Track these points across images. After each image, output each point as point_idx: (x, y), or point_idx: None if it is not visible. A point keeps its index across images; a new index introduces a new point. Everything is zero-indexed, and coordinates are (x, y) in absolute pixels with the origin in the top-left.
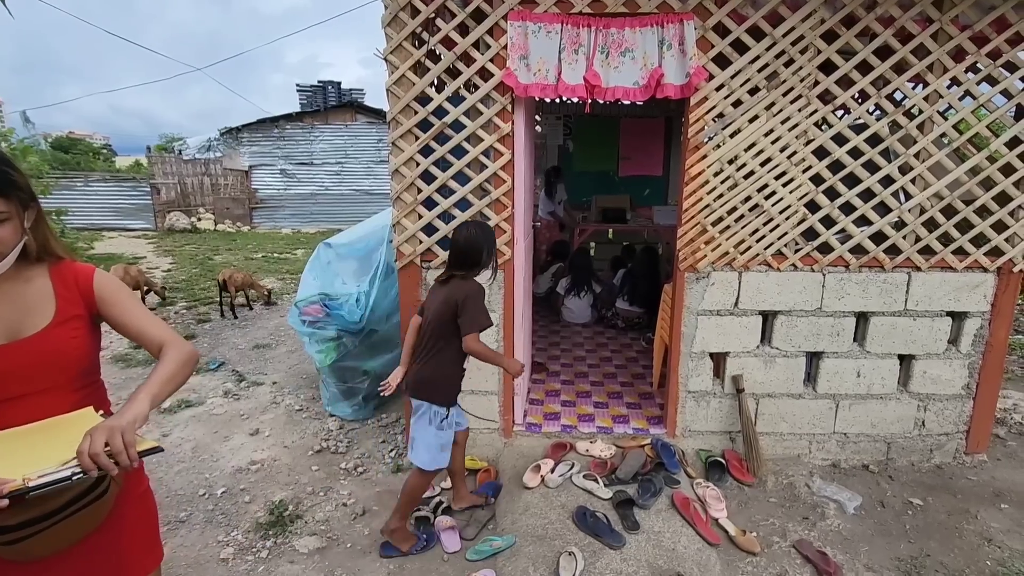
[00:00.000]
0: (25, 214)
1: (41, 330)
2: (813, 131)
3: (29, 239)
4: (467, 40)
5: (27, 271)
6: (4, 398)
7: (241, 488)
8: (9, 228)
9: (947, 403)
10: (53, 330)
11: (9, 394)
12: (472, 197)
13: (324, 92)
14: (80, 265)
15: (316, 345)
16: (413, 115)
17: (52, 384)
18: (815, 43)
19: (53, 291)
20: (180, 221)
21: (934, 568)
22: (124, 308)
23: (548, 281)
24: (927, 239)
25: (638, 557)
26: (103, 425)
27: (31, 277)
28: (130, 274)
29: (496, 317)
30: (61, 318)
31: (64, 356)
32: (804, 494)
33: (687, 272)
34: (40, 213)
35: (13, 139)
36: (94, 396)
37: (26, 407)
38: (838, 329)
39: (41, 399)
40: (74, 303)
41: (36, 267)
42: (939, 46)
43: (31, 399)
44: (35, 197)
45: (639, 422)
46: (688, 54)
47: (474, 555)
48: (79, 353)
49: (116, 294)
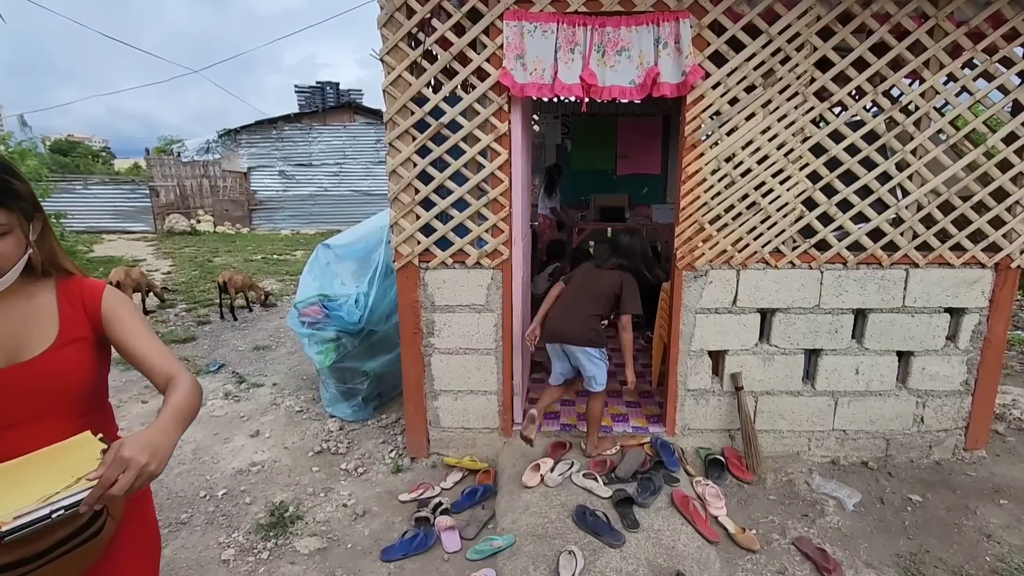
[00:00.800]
0: (30, 226)
1: (41, 353)
2: (810, 128)
3: (34, 253)
4: (463, 40)
5: (31, 287)
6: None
7: (242, 489)
8: (10, 242)
9: (946, 399)
10: (54, 353)
11: (3, 422)
12: (470, 197)
13: (322, 93)
14: (90, 281)
15: (316, 346)
16: (410, 116)
17: (50, 411)
18: (811, 40)
19: (57, 309)
20: (179, 223)
21: (933, 564)
22: (132, 331)
23: (546, 281)
24: (925, 235)
25: (638, 555)
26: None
27: (35, 293)
28: (131, 276)
29: (494, 316)
30: (64, 340)
31: (64, 381)
32: (803, 491)
33: (685, 270)
34: (46, 225)
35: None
36: (99, 422)
37: (20, 436)
38: (836, 326)
39: (37, 427)
40: (79, 323)
41: (41, 283)
42: (935, 42)
43: (26, 428)
44: (40, 208)
45: (638, 420)
46: (684, 52)
47: (474, 554)
48: (81, 378)
49: (124, 315)
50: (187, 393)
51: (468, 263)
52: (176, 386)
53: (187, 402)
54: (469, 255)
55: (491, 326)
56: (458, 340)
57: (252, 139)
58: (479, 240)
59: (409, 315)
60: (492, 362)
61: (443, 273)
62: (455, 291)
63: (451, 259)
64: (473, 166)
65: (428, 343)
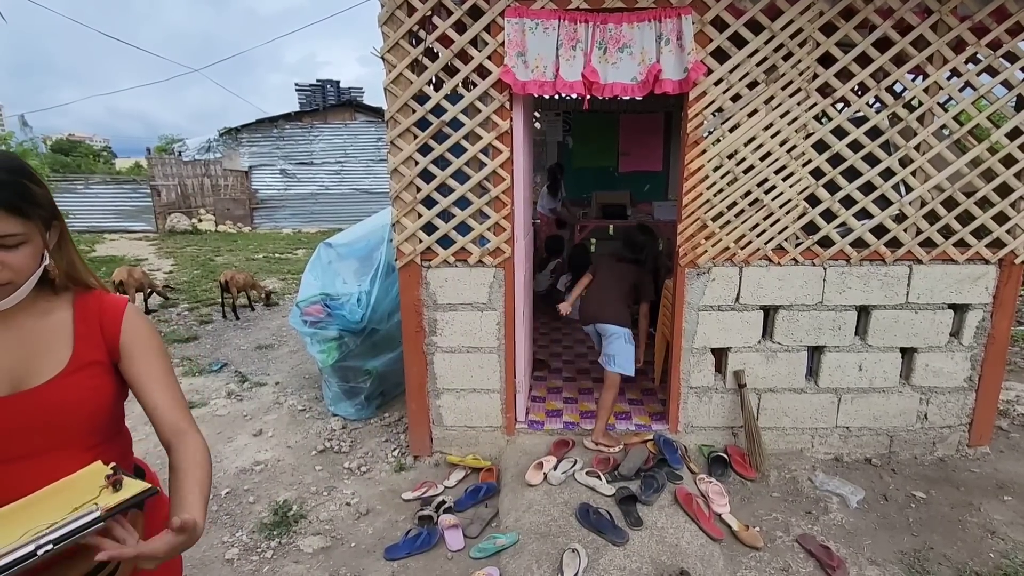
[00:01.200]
0: (48, 235)
1: (50, 379)
2: (813, 124)
3: (50, 265)
4: (464, 37)
5: (45, 303)
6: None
7: (245, 488)
8: (26, 253)
9: (949, 396)
10: (65, 379)
11: (7, 455)
12: (471, 195)
13: (323, 91)
14: (111, 298)
15: (318, 345)
16: (411, 114)
17: (60, 443)
18: (814, 36)
19: (72, 329)
20: (181, 222)
21: (937, 561)
22: (149, 368)
23: (548, 278)
24: (928, 232)
25: (641, 553)
26: (148, 553)
27: (50, 310)
28: (134, 276)
29: (497, 315)
30: (77, 363)
31: (76, 411)
32: (807, 488)
33: (688, 268)
34: (65, 232)
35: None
36: (113, 452)
37: (23, 470)
38: (839, 323)
39: (44, 461)
40: (94, 345)
41: (58, 298)
42: (939, 37)
43: (33, 461)
44: (59, 214)
45: (641, 418)
46: (686, 49)
47: (478, 553)
48: (95, 406)
49: (145, 345)
50: (208, 467)
51: (470, 261)
52: (188, 453)
53: (209, 478)
54: (471, 253)
55: (493, 324)
56: (460, 338)
57: (253, 138)
58: (481, 238)
59: (411, 314)
60: (495, 360)
61: (445, 271)
62: (457, 289)
63: (453, 257)
64: (475, 164)
65: (430, 342)
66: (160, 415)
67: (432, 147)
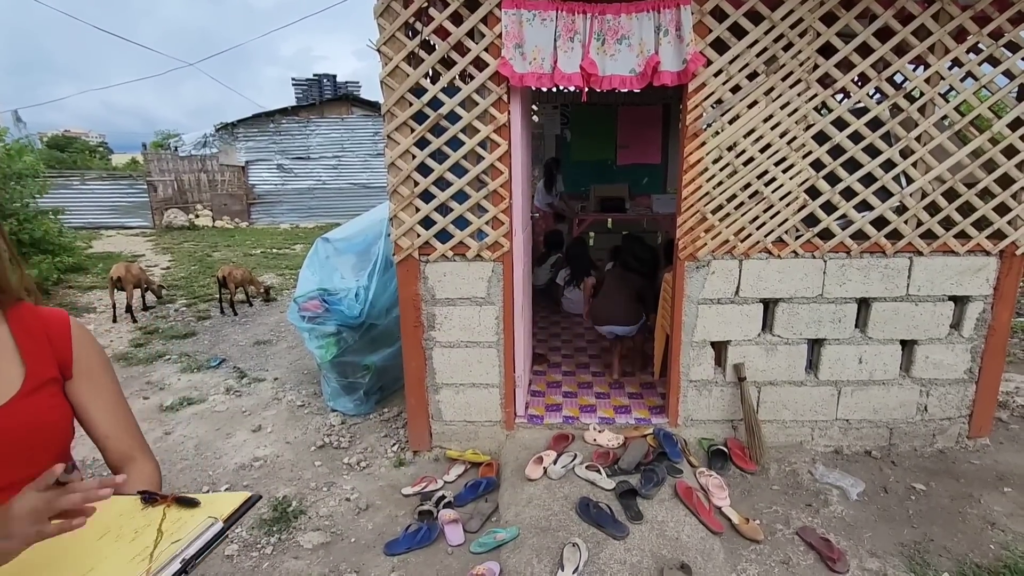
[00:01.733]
0: None
1: (6, 403)
2: (813, 116)
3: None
4: (461, 29)
5: None
6: None
7: (244, 485)
8: None
9: (949, 387)
10: (22, 400)
11: None
12: (469, 189)
13: (320, 85)
14: (48, 310)
15: (316, 341)
16: (408, 107)
17: (25, 476)
18: (814, 26)
19: (15, 346)
20: (178, 218)
21: (938, 553)
22: (101, 389)
23: (547, 272)
24: (929, 223)
25: (642, 547)
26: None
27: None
28: (131, 272)
29: (495, 309)
30: (34, 383)
31: (43, 434)
32: (807, 481)
33: (687, 261)
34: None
35: (7, 138)
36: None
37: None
38: (840, 315)
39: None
40: (46, 362)
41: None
42: (940, 26)
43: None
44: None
45: (641, 412)
46: (685, 40)
47: (478, 547)
48: (64, 426)
49: (95, 363)
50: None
51: (468, 256)
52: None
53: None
54: (469, 247)
55: (492, 319)
56: (459, 333)
57: (249, 133)
58: (479, 232)
59: (410, 308)
60: (494, 355)
61: (443, 266)
62: (456, 284)
63: (451, 252)
64: (472, 157)
65: (429, 336)
66: (112, 444)
67: (429, 141)
